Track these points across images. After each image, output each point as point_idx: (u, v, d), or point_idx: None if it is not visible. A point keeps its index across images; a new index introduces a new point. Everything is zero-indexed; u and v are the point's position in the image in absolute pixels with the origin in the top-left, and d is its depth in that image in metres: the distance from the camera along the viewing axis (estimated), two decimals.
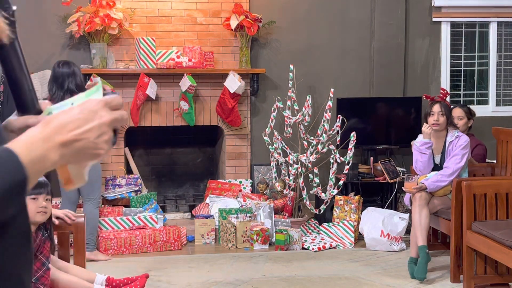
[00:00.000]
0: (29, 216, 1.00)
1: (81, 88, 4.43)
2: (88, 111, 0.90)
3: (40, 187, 2.63)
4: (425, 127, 4.39)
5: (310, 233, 5.29)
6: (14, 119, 1.03)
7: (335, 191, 5.20)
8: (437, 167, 4.42)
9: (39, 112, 1.09)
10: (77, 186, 0.97)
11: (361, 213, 5.17)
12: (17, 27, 1.03)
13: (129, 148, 5.81)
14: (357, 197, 5.32)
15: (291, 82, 5.48)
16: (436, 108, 4.36)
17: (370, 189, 5.73)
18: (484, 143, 5.17)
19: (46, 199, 2.68)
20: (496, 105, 6.47)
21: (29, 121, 1.12)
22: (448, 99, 4.63)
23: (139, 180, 5.60)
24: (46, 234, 2.69)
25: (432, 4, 6.16)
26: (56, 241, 3.10)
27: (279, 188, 5.48)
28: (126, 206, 5.34)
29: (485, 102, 6.48)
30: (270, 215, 5.21)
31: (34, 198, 2.61)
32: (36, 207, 2.62)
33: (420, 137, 4.57)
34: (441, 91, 4.51)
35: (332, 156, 5.22)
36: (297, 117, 5.31)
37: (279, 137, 5.44)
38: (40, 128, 0.88)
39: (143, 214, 5.17)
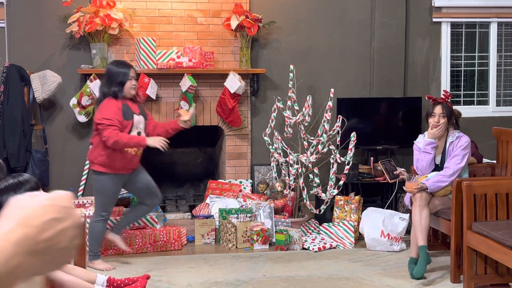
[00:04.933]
0: None
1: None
2: (60, 208, 0.73)
3: (36, 183, 2.60)
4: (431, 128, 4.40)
5: (310, 233, 5.29)
6: None
7: (335, 191, 5.20)
8: (437, 168, 4.42)
9: None
10: None
11: (361, 213, 5.17)
12: None
13: None
14: (357, 197, 5.32)
15: (291, 82, 5.47)
16: (438, 109, 4.36)
17: (370, 189, 5.73)
18: (484, 144, 5.18)
19: None
20: (496, 105, 6.47)
21: None
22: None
23: None
24: None
25: (432, 4, 6.16)
26: None
27: (279, 188, 5.48)
28: (126, 206, 5.34)
29: (485, 103, 6.48)
30: (270, 215, 5.21)
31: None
32: None
33: (420, 137, 4.57)
34: (444, 93, 4.52)
35: (332, 156, 5.22)
36: (297, 117, 5.31)
37: (279, 137, 5.44)
38: (11, 225, 0.69)
39: None
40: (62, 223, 0.71)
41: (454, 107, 5.28)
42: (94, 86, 5.38)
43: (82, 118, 5.54)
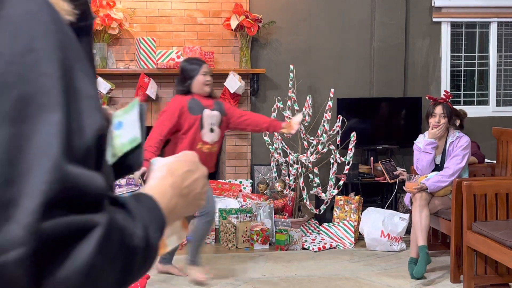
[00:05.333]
0: None
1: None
2: (191, 162, 0.91)
3: None
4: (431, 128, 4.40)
5: (310, 233, 5.29)
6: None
7: (335, 191, 5.20)
8: (437, 168, 4.42)
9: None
10: (168, 250, 0.94)
11: (361, 213, 5.17)
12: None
13: None
14: (357, 197, 5.32)
15: (291, 82, 5.47)
16: (438, 110, 4.36)
17: (370, 189, 5.73)
18: (484, 144, 5.18)
19: None
20: (497, 105, 6.46)
21: None
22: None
23: (139, 180, 5.60)
24: None
25: (432, 4, 6.16)
26: None
27: (279, 188, 5.48)
28: None
29: (485, 103, 6.48)
30: (270, 215, 5.21)
31: None
32: None
33: (420, 137, 4.57)
34: (444, 93, 4.52)
35: (332, 156, 5.22)
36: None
37: (279, 137, 5.44)
38: (165, 173, 0.86)
39: None
40: (194, 174, 0.90)
41: (459, 107, 5.30)
42: (98, 84, 5.37)
43: None
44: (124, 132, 0.90)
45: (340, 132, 5.26)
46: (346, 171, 5.24)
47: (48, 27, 0.65)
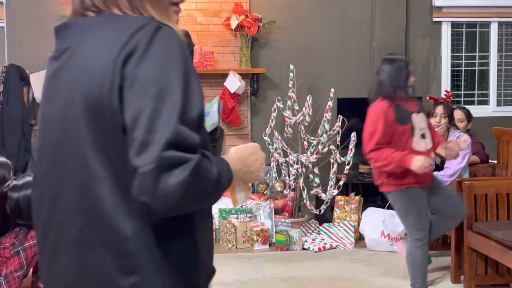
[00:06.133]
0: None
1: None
2: (254, 147, 1.37)
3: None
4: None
5: (311, 234, 5.28)
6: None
7: (336, 191, 5.19)
8: (438, 168, 4.41)
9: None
10: (238, 205, 1.38)
11: (361, 214, 5.16)
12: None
13: None
14: (357, 197, 5.31)
15: (291, 82, 5.47)
16: (439, 109, 4.35)
17: (371, 189, 5.70)
18: (484, 143, 5.17)
19: None
20: (497, 105, 6.46)
21: None
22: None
23: None
24: None
25: (433, 4, 6.16)
26: None
27: (279, 189, 5.48)
28: None
29: (486, 102, 6.47)
30: (270, 216, 5.20)
31: None
32: None
33: None
34: (445, 93, 4.51)
35: (332, 156, 5.21)
36: (297, 117, 5.31)
37: (279, 137, 5.44)
38: (235, 151, 1.32)
39: None
40: (256, 155, 1.34)
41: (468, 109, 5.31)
42: None
43: None
44: (209, 119, 1.40)
45: (340, 132, 5.25)
46: (346, 171, 5.24)
47: (177, 50, 1.14)
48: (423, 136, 3.50)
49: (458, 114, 5.09)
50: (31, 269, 2.62)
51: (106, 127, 1.13)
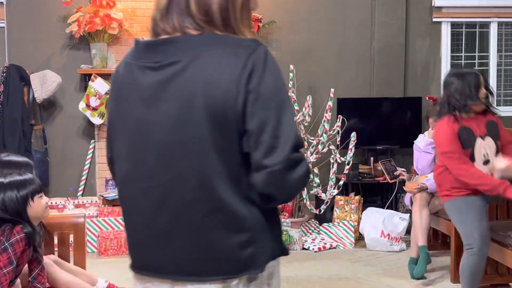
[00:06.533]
0: None
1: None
2: None
3: (39, 185, 2.63)
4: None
5: (310, 233, 5.29)
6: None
7: (335, 191, 5.20)
8: None
9: None
10: None
11: (361, 213, 5.17)
12: None
13: None
14: (357, 197, 5.32)
15: (291, 82, 5.47)
16: None
17: (371, 189, 5.72)
18: None
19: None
20: (497, 105, 6.45)
21: None
22: None
23: None
24: (40, 232, 2.69)
25: (433, 4, 6.16)
26: (56, 241, 3.10)
27: None
28: None
29: None
30: None
31: (40, 196, 2.61)
32: (45, 203, 2.63)
33: (420, 137, 4.56)
34: None
35: (332, 156, 5.21)
36: (297, 117, 5.31)
37: None
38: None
39: None
40: None
41: None
42: (97, 84, 5.38)
43: (97, 120, 5.49)
44: None
45: (340, 132, 5.25)
46: (346, 171, 5.24)
47: (278, 67, 1.43)
48: (486, 162, 3.45)
49: None
50: (27, 269, 2.63)
51: (226, 132, 1.35)
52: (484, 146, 3.47)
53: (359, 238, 5.20)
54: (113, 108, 1.49)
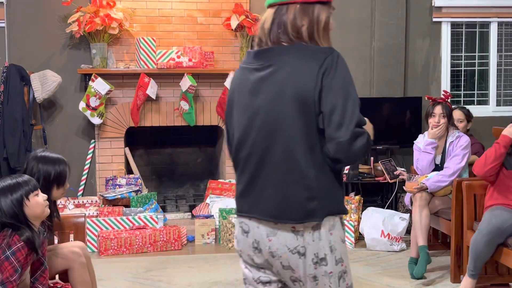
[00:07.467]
0: None
1: None
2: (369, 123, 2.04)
3: (34, 184, 2.58)
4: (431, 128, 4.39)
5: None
6: None
7: None
8: (437, 167, 4.42)
9: None
10: None
11: (361, 213, 5.17)
12: None
13: (129, 148, 5.81)
14: (357, 197, 5.32)
15: None
16: (438, 109, 4.35)
17: (371, 189, 5.72)
18: (484, 143, 5.18)
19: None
20: (497, 105, 6.47)
21: None
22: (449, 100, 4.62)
23: (139, 180, 5.60)
24: (45, 233, 2.68)
25: (433, 4, 6.16)
26: (56, 241, 3.09)
27: None
28: (126, 206, 5.34)
29: (486, 102, 6.48)
30: None
31: (37, 194, 2.56)
32: (42, 201, 2.58)
33: (420, 137, 4.56)
34: (444, 93, 4.51)
35: None
36: None
37: None
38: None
39: (144, 214, 5.17)
40: (370, 125, 2.02)
41: (468, 108, 5.32)
42: (97, 85, 5.38)
43: (96, 120, 5.50)
44: None
45: None
46: (346, 171, 5.24)
47: (347, 68, 1.90)
48: None
49: (457, 114, 5.10)
50: (29, 271, 2.62)
51: (307, 112, 1.86)
52: None
53: (359, 238, 5.20)
54: (231, 97, 2.05)
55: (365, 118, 1.93)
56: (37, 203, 2.53)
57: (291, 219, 1.87)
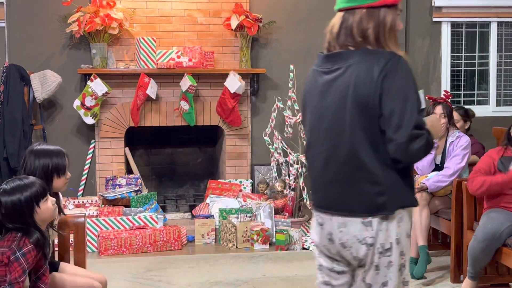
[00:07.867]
0: None
1: None
2: (434, 120, 2.22)
3: (43, 188, 2.58)
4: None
5: (311, 233, 5.28)
6: None
7: None
8: (437, 167, 4.42)
9: None
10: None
11: None
12: None
13: (129, 148, 5.81)
14: None
15: (291, 82, 5.47)
16: (438, 109, 4.35)
17: None
18: (484, 143, 5.18)
19: None
20: (497, 105, 6.47)
21: None
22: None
23: (139, 180, 5.60)
24: (47, 233, 2.68)
25: (433, 4, 6.16)
26: (56, 241, 3.09)
27: (279, 188, 5.48)
28: (127, 206, 5.34)
29: (486, 102, 6.48)
30: (270, 215, 5.21)
31: (46, 200, 2.56)
32: (52, 206, 2.58)
33: None
34: (444, 93, 4.51)
35: None
36: (298, 117, 5.31)
37: (280, 137, 5.44)
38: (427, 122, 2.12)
39: (144, 214, 5.17)
40: (432, 122, 2.14)
41: (467, 106, 5.31)
42: (95, 85, 5.38)
43: (89, 120, 5.50)
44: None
45: None
46: None
47: (409, 72, 2.00)
48: None
49: (453, 115, 5.09)
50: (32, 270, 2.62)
51: (369, 115, 1.97)
52: None
53: None
54: (304, 98, 2.26)
55: (434, 114, 1.96)
56: (47, 209, 2.54)
57: (363, 212, 2.02)
